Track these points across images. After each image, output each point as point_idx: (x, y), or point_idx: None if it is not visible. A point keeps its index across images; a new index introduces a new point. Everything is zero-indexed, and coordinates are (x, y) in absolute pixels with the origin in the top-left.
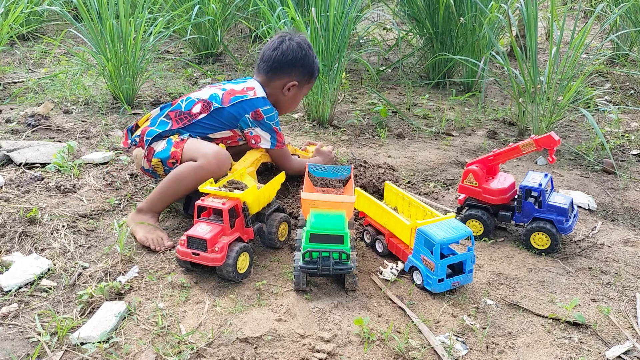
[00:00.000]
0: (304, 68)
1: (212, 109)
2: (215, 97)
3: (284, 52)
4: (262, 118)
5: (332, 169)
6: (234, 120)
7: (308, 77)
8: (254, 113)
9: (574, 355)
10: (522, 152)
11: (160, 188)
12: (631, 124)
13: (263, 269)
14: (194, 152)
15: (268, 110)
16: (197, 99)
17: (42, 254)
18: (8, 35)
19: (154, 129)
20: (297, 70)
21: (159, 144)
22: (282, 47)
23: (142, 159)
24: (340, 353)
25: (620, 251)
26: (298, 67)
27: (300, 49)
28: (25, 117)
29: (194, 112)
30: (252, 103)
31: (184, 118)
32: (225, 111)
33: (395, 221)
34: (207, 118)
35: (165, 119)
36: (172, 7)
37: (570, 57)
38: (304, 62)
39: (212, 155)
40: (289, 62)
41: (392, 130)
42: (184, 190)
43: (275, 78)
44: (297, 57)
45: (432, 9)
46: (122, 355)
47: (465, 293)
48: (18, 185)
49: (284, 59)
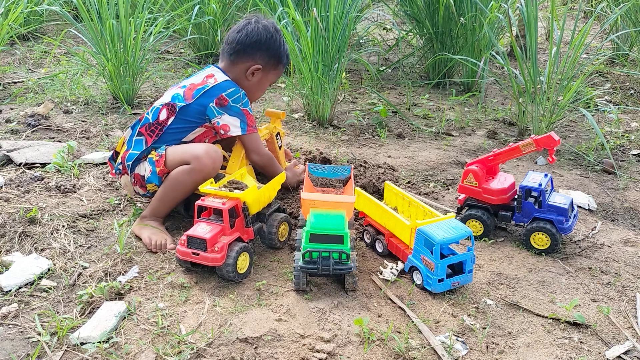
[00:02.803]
0: (269, 52)
1: (177, 110)
2: (177, 97)
3: (248, 34)
4: (227, 102)
5: (332, 168)
6: (202, 114)
7: (274, 62)
8: (218, 99)
9: (574, 355)
10: (522, 152)
11: (159, 195)
12: (631, 124)
13: (263, 269)
14: (181, 157)
15: (233, 92)
16: (161, 104)
17: (42, 254)
18: (8, 35)
19: (132, 152)
20: (261, 53)
21: (142, 167)
22: (246, 29)
23: (133, 186)
24: (340, 353)
25: (620, 251)
26: (263, 50)
27: (266, 31)
28: (25, 117)
29: (162, 120)
30: (214, 89)
31: (154, 129)
32: (191, 107)
33: (395, 221)
34: (176, 121)
35: (139, 137)
36: (172, 7)
37: (570, 57)
38: (269, 45)
39: (203, 156)
40: (253, 45)
41: (392, 130)
42: (182, 195)
43: (239, 61)
44: (262, 39)
45: (432, 9)
46: (122, 355)
47: (465, 293)
48: (18, 185)
49: (248, 40)
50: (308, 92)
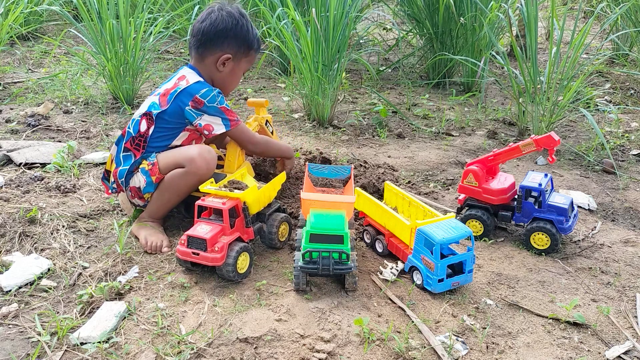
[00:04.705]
0: (238, 39)
1: (155, 117)
2: (153, 105)
3: (213, 23)
4: (203, 104)
5: (332, 169)
6: (180, 118)
7: (244, 49)
8: (193, 102)
9: (574, 355)
10: (522, 152)
11: (155, 198)
12: (631, 124)
13: (263, 269)
14: (175, 160)
15: (206, 92)
16: (140, 115)
17: (42, 254)
18: (8, 35)
19: (122, 168)
20: (229, 41)
21: (137, 179)
22: (210, 18)
23: (131, 199)
24: (340, 353)
25: (620, 251)
26: (230, 38)
27: (231, 18)
28: (25, 117)
29: (143, 131)
30: (187, 92)
31: (139, 142)
32: (167, 113)
33: (395, 221)
34: (156, 130)
35: (126, 153)
36: (172, 7)
37: (570, 57)
38: (236, 32)
39: (197, 158)
40: (220, 34)
41: (392, 130)
42: (178, 198)
43: (207, 53)
44: (228, 27)
45: (432, 9)
46: (122, 355)
47: (465, 293)
48: (18, 185)
49: (213, 30)
50: (308, 92)
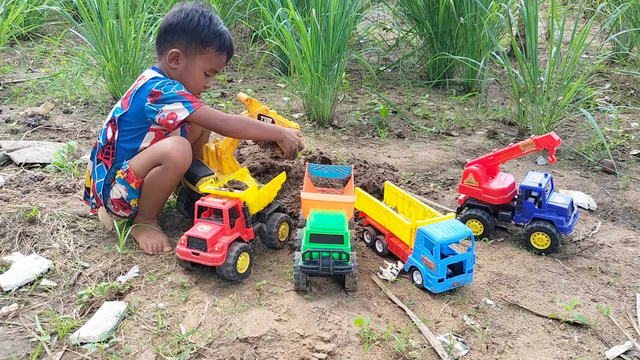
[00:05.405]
0: (186, 34)
1: (117, 121)
2: (116, 110)
3: (166, 19)
4: (160, 94)
5: (332, 169)
6: (142, 117)
7: (198, 45)
8: (151, 96)
9: (574, 355)
10: (522, 152)
11: (143, 202)
12: (631, 124)
13: (263, 269)
14: (149, 159)
15: (161, 83)
16: (106, 124)
17: (42, 254)
18: (8, 35)
19: (98, 182)
20: (177, 37)
21: (116, 190)
22: (166, 16)
23: (116, 212)
24: (340, 353)
25: (620, 251)
26: (178, 32)
27: (182, 13)
28: (25, 117)
29: (109, 138)
30: (144, 88)
31: (108, 150)
32: (129, 115)
33: (395, 221)
34: (121, 134)
35: (99, 165)
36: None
37: (570, 57)
38: (184, 27)
39: (171, 152)
40: (168, 29)
41: (392, 130)
42: (164, 195)
43: (162, 50)
44: (175, 21)
45: (432, 9)
46: (122, 355)
47: (465, 293)
48: (18, 185)
49: (165, 25)
50: (308, 92)
